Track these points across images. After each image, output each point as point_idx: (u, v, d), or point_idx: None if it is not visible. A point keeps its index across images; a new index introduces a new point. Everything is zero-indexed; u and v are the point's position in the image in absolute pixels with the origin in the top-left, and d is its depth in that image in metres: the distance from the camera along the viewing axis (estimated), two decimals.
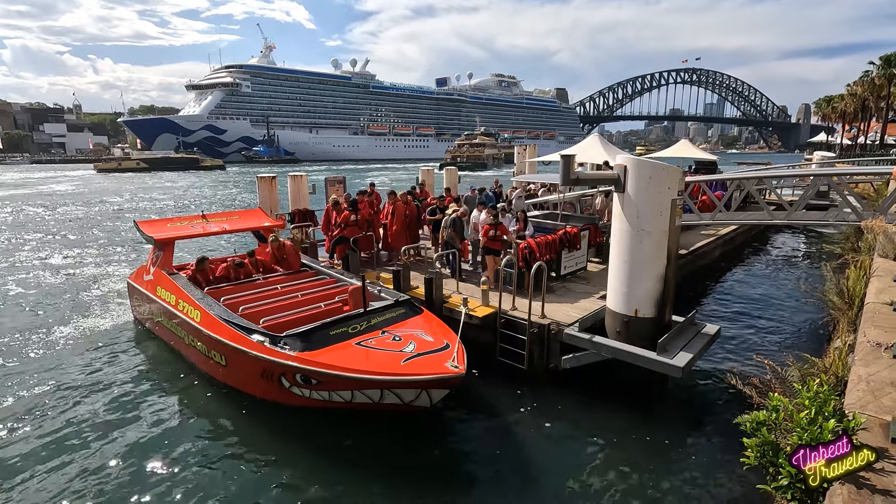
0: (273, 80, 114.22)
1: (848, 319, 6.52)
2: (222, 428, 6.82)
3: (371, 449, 6.28)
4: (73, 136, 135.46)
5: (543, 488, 5.54)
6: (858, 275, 7.18)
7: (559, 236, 9.61)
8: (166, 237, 9.51)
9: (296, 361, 6.19)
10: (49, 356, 8.98)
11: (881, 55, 50.49)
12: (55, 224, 25.62)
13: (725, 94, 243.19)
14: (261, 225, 10.90)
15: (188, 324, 7.82)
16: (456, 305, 8.26)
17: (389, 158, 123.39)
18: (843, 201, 11.31)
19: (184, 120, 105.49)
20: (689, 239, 13.74)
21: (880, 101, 53.33)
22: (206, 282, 9.10)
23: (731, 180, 13.07)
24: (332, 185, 15.26)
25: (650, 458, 6.04)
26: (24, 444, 6.36)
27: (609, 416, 6.89)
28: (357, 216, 10.99)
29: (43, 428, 6.71)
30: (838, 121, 71.09)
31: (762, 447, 3.46)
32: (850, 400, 3.58)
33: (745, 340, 9.42)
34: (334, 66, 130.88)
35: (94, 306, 11.70)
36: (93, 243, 20.14)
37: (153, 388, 7.87)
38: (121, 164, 72.58)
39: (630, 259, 6.80)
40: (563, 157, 7.06)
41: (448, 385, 5.94)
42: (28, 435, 6.57)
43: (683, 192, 6.95)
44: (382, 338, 6.62)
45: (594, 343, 7.08)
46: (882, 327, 4.74)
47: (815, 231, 20.05)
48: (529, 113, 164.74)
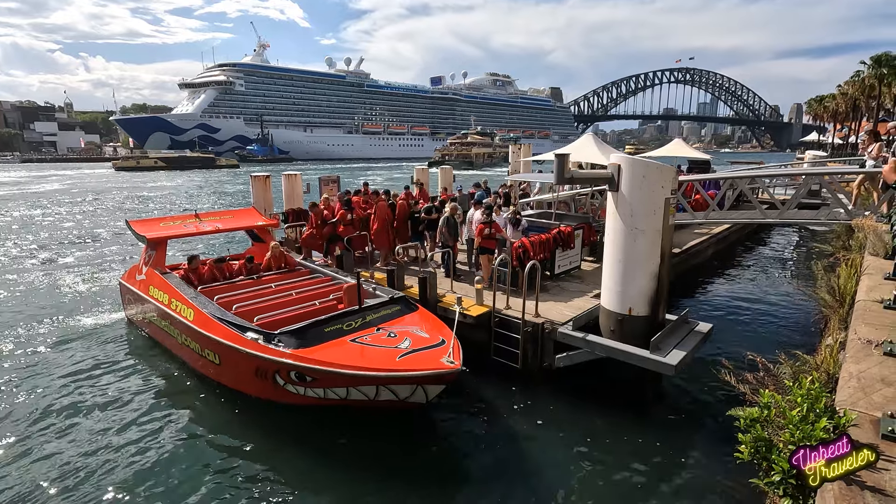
0: (267, 78, 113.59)
1: (839, 317, 6.56)
2: (216, 427, 6.78)
3: (366, 447, 6.26)
4: (65, 135, 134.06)
5: (537, 486, 5.55)
6: (849, 273, 7.23)
7: (553, 235, 9.62)
8: (159, 236, 9.44)
9: (290, 359, 6.16)
10: (39, 357, 8.89)
11: (872, 55, 51.00)
12: (73, 222, 25.41)
13: (719, 94, 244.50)
14: (254, 224, 10.85)
15: (181, 323, 7.77)
16: (450, 305, 8.25)
17: (384, 157, 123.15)
18: (834, 200, 11.40)
19: (177, 119, 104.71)
20: (683, 238, 13.81)
21: (871, 100, 53.90)
22: (199, 281, 9.04)
23: (724, 179, 13.13)
24: (326, 184, 15.24)
25: (643, 456, 6.07)
26: (11, 445, 6.30)
27: (603, 413, 6.91)
28: (352, 215, 10.97)
29: (32, 429, 6.66)
30: (830, 120, 71.78)
31: (755, 443, 3.49)
32: (842, 397, 3.61)
33: (738, 338, 9.47)
34: (328, 64, 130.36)
35: (88, 306, 11.61)
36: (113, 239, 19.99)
37: (146, 389, 7.81)
38: (139, 163, 73.42)
39: (624, 258, 6.82)
40: (557, 157, 7.06)
41: (444, 381, 5.93)
42: (16, 436, 6.50)
43: (677, 190, 6.98)
44: (377, 334, 6.61)
45: (588, 342, 7.10)
46: (872, 325, 4.78)
47: (807, 230, 20.20)
48: (524, 112, 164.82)
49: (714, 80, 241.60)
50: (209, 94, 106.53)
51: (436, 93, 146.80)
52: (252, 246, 11.14)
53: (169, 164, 73.92)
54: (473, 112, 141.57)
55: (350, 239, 10.61)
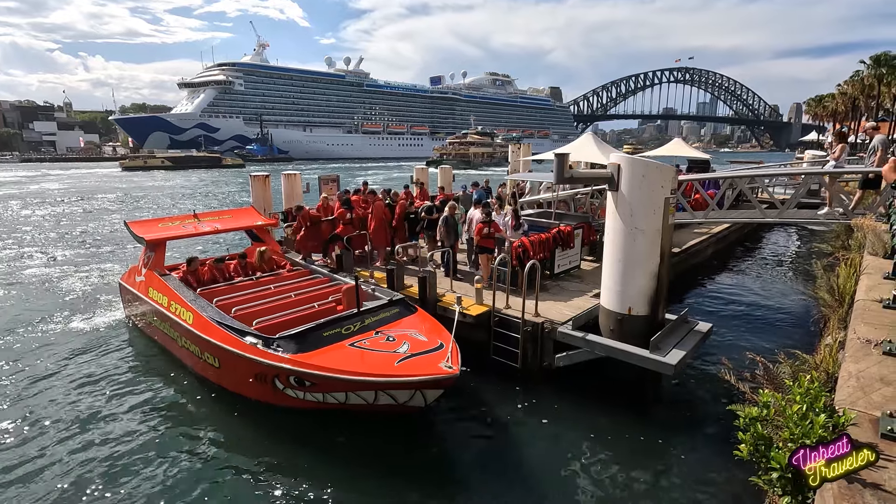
0: (266, 78, 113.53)
1: (838, 316, 6.57)
2: (215, 430, 6.77)
3: (365, 448, 6.27)
4: (64, 135, 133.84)
5: (537, 486, 5.55)
6: (849, 272, 7.24)
7: (553, 235, 9.63)
8: (157, 238, 9.41)
9: (289, 364, 6.16)
10: (37, 357, 8.88)
11: (872, 55, 51.02)
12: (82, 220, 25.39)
13: (718, 94, 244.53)
14: (253, 224, 10.83)
15: (181, 326, 7.76)
16: (450, 304, 8.25)
17: (383, 157, 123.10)
18: (834, 199, 11.39)
19: (176, 118, 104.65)
20: (682, 237, 13.81)
21: (870, 100, 53.95)
22: (197, 282, 9.03)
23: (724, 179, 13.13)
24: (326, 183, 15.21)
25: (643, 455, 6.08)
26: (10, 446, 6.30)
27: (603, 413, 6.92)
28: (352, 214, 10.96)
29: (31, 429, 6.65)
30: (829, 120, 71.75)
31: (755, 442, 3.49)
32: (841, 396, 3.61)
33: (738, 338, 9.48)
34: (328, 64, 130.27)
35: (88, 307, 11.60)
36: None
37: (145, 390, 7.81)
38: (146, 162, 74.77)
39: (624, 257, 6.82)
40: (556, 156, 7.07)
41: (442, 385, 5.94)
42: (15, 436, 6.50)
43: (676, 190, 6.98)
44: (376, 338, 6.61)
45: (587, 341, 7.10)
46: (872, 324, 4.78)
47: (807, 229, 20.21)
48: (523, 112, 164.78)
49: (713, 80, 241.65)
50: (208, 93, 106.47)
51: (435, 92, 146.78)
52: (251, 246, 11.12)
53: (175, 164, 75.07)
54: (473, 112, 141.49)
55: (350, 238, 10.61)
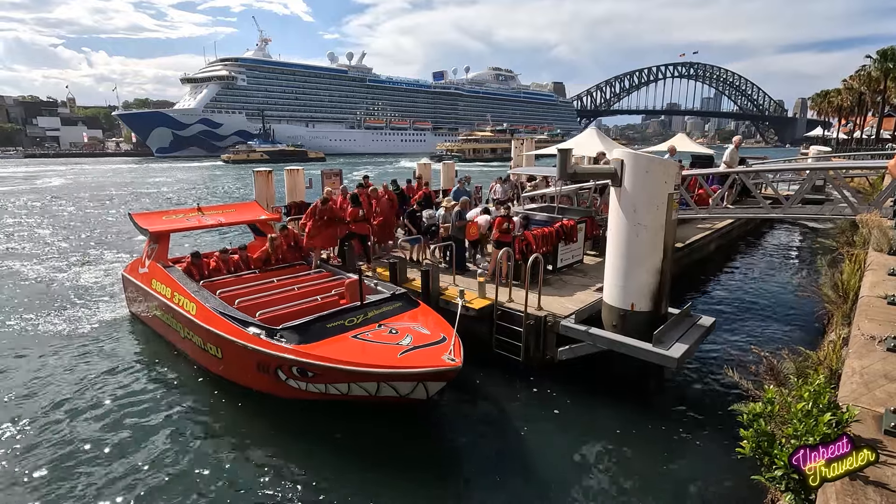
0: (269, 73, 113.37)
1: (842, 313, 6.53)
2: (218, 420, 6.82)
3: (367, 440, 6.28)
4: (67, 130, 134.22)
5: (539, 479, 5.56)
6: (853, 268, 7.19)
7: (556, 229, 9.60)
8: (161, 230, 9.45)
9: (293, 354, 6.18)
10: (40, 348, 8.92)
11: (879, 49, 50.52)
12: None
13: (723, 89, 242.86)
14: (257, 218, 10.84)
15: (184, 317, 7.79)
16: (452, 298, 8.26)
17: (386, 152, 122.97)
18: (838, 195, 11.33)
19: (179, 114, 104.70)
20: (685, 232, 13.75)
21: (876, 95, 53.51)
22: (201, 275, 9.05)
23: (728, 174, 13.07)
24: (329, 177, 15.18)
25: (646, 449, 6.08)
26: (12, 438, 6.34)
27: (605, 407, 6.92)
28: (363, 211, 10.89)
29: (33, 422, 6.69)
30: (834, 115, 71.23)
31: (758, 438, 3.48)
32: (844, 392, 3.60)
33: (741, 333, 9.46)
34: (330, 59, 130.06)
35: (92, 299, 11.65)
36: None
37: (148, 382, 7.85)
38: (248, 156, 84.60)
39: (627, 252, 6.80)
40: (560, 151, 7.04)
41: (445, 378, 5.95)
42: (17, 429, 6.54)
43: (680, 185, 6.94)
44: (379, 331, 6.63)
45: (590, 334, 7.09)
46: (876, 320, 4.75)
47: (811, 225, 20.10)
48: (527, 107, 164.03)
49: (718, 75, 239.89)
50: (211, 88, 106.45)
51: (438, 88, 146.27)
52: (254, 241, 11.14)
53: (271, 158, 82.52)
54: (476, 107, 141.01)
55: (364, 236, 10.59)
